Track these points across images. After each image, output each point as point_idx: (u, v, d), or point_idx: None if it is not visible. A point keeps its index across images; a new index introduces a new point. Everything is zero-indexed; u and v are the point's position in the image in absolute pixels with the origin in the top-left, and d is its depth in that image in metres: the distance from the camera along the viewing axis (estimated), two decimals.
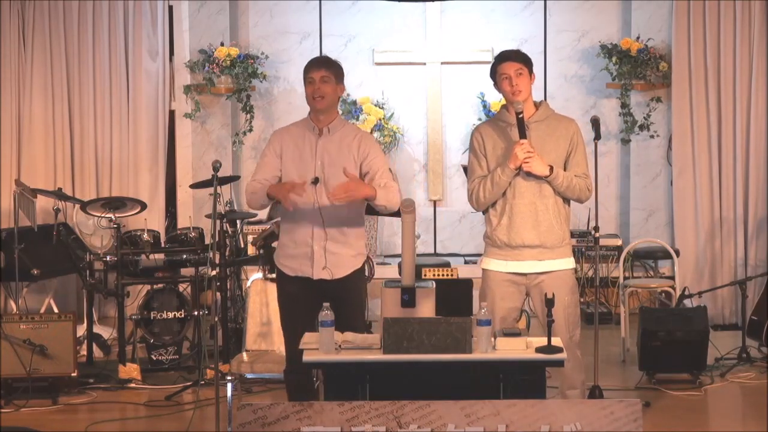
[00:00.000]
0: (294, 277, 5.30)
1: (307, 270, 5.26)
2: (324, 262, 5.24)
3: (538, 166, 5.22)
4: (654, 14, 9.01)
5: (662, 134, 9.06)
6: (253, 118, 9.11)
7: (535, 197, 5.30)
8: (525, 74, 5.30)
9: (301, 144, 5.28)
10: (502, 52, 5.44)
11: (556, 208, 5.32)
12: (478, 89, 9.25)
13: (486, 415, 4.35)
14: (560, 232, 5.33)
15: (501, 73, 5.32)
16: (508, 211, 5.32)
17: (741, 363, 7.19)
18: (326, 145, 5.26)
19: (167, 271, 7.37)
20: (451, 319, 4.64)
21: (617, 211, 9.36)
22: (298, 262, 5.28)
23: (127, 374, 6.98)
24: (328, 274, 5.25)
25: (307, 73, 5.25)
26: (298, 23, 9.37)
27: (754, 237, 8.69)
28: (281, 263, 5.36)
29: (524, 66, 5.31)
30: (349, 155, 5.26)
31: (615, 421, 4.35)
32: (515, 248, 5.33)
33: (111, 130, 8.91)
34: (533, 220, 5.30)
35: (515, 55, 5.35)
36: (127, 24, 8.86)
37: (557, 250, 5.33)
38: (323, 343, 4.67)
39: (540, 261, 5.32)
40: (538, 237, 5.30)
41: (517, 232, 5.31)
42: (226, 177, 7.48)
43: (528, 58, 5.37)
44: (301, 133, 5.31)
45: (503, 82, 5.32)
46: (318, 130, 5.28)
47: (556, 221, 5.32)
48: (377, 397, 4.51)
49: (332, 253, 5.25)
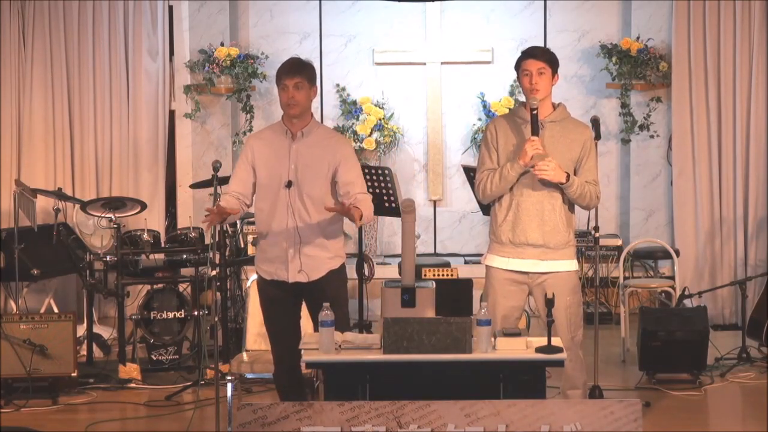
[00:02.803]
0: (271, 281, 5.34)
1: (282, 274, 5.30)
2: (299, 265, 5.26)
3: (556, 174, 5.20)
4: (654, 14, 9.01)
5: (662, 134, 9.06)
6: (253, 118, 9.10)
7: (543, 196, 5.28)
8: (547, 74, 5.28)
9: (275, 148, 5.29)
10: (529, 47, 5.44)
11: (564, 210, 5.32)
12: (478, 89, 9.24)
13: (486, 415, 4.35)
14: (565, 234, 5.32)
15: (524, 68, 5.31)
16: (514, 207, 5.31)
17: (741, 363, 7.19)
18: (300, 149, 5.27)
19: (167, 271, 7.38)
20: (451, 319, 4.64)
21: (617, 211, 9.36)
22: (274, 266, 5.31)
23: (127, 374, 6.98)
24: (303, 277, 5.28)
25: (280, 79, 5.25)
26: (298, 23, 9.37)
27: (754, 237, 8.69)
28: (259, 267, 5.40)
29: (548, 66, 5.29)
30: (323, 159, 5.26)
31: (615, 421, 4.35)
32: (518, 246, 5.31)
33: (111, 130, 8.90)
34: (539, 218, 5.28)
35: (540, 53, 5.33)
36: (127, 24, 8.86)
37: (561, 252, 5.32)
38: (323, 343, 4.67)
39: (542, 261, 5.31)
40: (543, 236, 5.28)
41: (522, 229, 5.29)
42: (226, 177, 7.45)
43: (554, 58, 5.35)
44: (275, 137, 5.33)
45: (524, 77, 5.30)
46: (291, 134, 5.29)
47: (561, 222, 5.30)
48: (377, 397, 4.51)
49: (307, 255, 5.26)
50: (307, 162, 5.25)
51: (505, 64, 9.25)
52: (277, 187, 5.25)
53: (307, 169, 5.25)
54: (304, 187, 5.23)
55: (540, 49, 5.42)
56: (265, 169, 5.29)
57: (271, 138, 5.34)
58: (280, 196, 5.24)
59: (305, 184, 5.24)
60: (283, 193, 5.24)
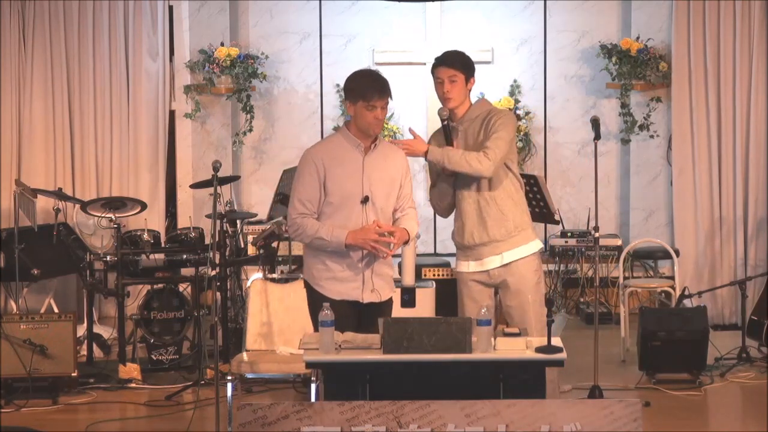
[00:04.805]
0: (340, 301, 5.06)
1: (356, 293, 5.09)
2: (372, 284, 5.10)
3: (416, 147, 5.28)
4: (654, 14, 9.01)
5: (662, 134, 9.06)
6: (253, 118, 9.11)
7: (475, 194, 5.34)
8: (459, 80, 5.26)
9: (346, 163, 5.06)
10: (442, 53, 5.37)
11: (500, 198, 5.34)
12: (478, 89, 9.21)
13: (486, 415, 4.35)
14: (511, 222, 5.34)
15: (436, 76, 5.31)
16: (458, 213, 5.43)
17: (741, 363, 7.19)
18: (372, 163, 5.09)
19: (167, 271, 7.38)
20: (451, 319, 4.64)
21: (617, 211, 9.36)
22: (345, 285, 5.09)
23: (127, 374, 6.98)
24: (376, 297, 5.12)
25: (369, 98, 5.00)
26: (298, 23, 9.37)
27: (754, 237, 8.69)
28: (321, 285, 5.12)
29: (460, 72, 5.26)
30: (393, 172, 5.13)
31: (615, 421, 4.35)
32: (471, 248, 5.39)
33: (111, 130, 8.90)
34: (478, 217, 5.34)
35: (451, 61, 5.28)
36: (127, 24, 8.86)
37: (511, 240, 5.35)
38: (323, 343, 4.67)
39: (497, 255, 5.36)
40: (487, 233, 5.34)
41: (468, 232, 5.37)
42: (226, 177, 7.48)
43: (467, 62, 5.29)
44: (344, 152, 5.08)
45: (437, 85, 5.32)
46: (364, 148, 5.09)
47: (500, 212, 5.33)
48: (377, 397, 4.51)
49: (378, 274, 5.12)
50: (381, 176, 5.09)
51: (505, 64, 9.27)
52: (352, 203, 5.05)
53: (381, 183, 5.09)
54: (378, 202, 5.08)
55: (452, 55, 5.32)
56: (338, 186, 5.04)
57: (340, 153, 5.08)
58: (355, 213, 5.04)
59: (379, 198, 5.08)
60: (357, 210, 5.04)
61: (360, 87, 5.04)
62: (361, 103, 5.02)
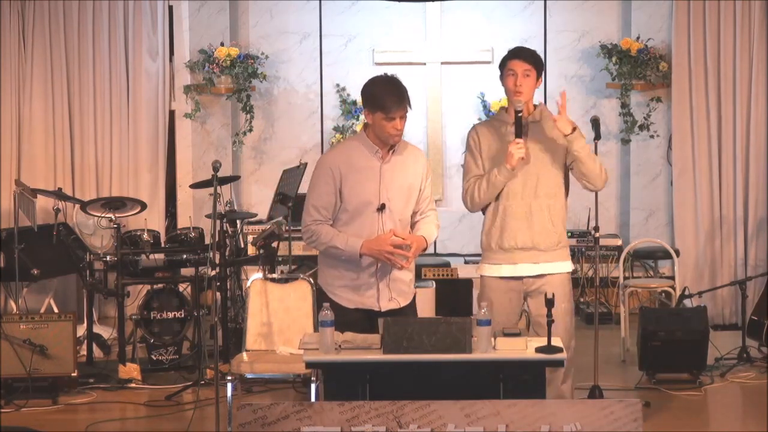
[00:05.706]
0: (354, 309, 5.03)
1: (372, 303, 5.02)
2: (389, 292, 5.03)
3: (563, 123, 5.14)
4: (654, 14, 9.01)
5: (662, 134, 9.06)
6: (253, 118, 9.11)
7: (529, 197, 5.21)
8: (532, 76, 5.21)
9: (362, 169, 4.96)
10: (517, 47, 5.34)
11: (553, 209, 5.23)
12: (478, 89, 9.25)
13: (486, 415, 4.35)
14: (555, 234, 5.24)
15: (509, 68, 5.22)
16: (501, 212, 5.23)
17: (741, 363, 7.19)
18: (390, 169, 4.99)
19: (167, 271, 7.37)
20: (451, 319, 4.63)
21: (617, 211, 9.36)
22: (360, 293, 5.02)
23: (127, 374, 6.98)
24: (395, 304, 5.05)
25: (389, 110, 4.86)
26: (298, 23, 9.37)
27: (754, 237, 8.69)
28: (335, 293, 5.04)
29: (533, 68, 5.21)
30: (412, 178, 5.04)
31: (615, 421, 4.35)
32: (508, 251, 5.24)
33: (111, 130, 8.91)
34: (527, 220, 5.21)
35: (528, 55, 5.24)
36: (127, 24, 8.86)
37: (552, 253, 5.25)
38: (323, 343, 4.67)
39: (535, 264, 5.24)
40: (532, 239, 5.21)
41: (510, 233, 5.21)
42: (226, 177, 7.48)
43: (540, 61, 5.26)
44: (361, 158, 4.98)
45: (509, 77, 5.22)
46: (382, 154, 4.98)
47: (550, 222, 5.22)
48: (377, 397, 4.50)
49: (395, 281, 5.03)
50: (399, 183, 4.99)
51: None
52: (368, 211, 4.96)
53: (399, 191, 4.99)
54: (396, 210, 4.99)
55: (528, 50, 5.29)
56: (354, 193, 4.95)
57: (358, 159, 4.97)
58: (371, 220, 4.96)
59: (397, 206, 4.99)
60: (373, 218, 4.96)
61: (378, 97, 4.90)
62: (379, 114, 4.89)
